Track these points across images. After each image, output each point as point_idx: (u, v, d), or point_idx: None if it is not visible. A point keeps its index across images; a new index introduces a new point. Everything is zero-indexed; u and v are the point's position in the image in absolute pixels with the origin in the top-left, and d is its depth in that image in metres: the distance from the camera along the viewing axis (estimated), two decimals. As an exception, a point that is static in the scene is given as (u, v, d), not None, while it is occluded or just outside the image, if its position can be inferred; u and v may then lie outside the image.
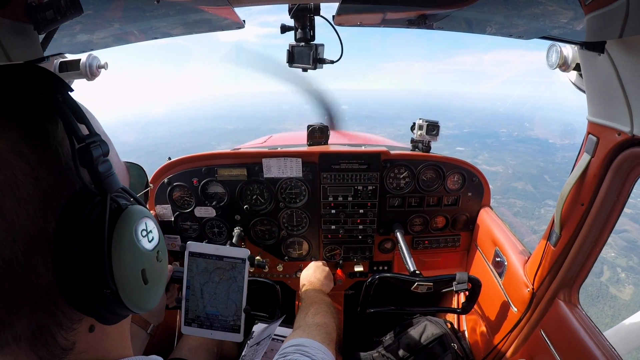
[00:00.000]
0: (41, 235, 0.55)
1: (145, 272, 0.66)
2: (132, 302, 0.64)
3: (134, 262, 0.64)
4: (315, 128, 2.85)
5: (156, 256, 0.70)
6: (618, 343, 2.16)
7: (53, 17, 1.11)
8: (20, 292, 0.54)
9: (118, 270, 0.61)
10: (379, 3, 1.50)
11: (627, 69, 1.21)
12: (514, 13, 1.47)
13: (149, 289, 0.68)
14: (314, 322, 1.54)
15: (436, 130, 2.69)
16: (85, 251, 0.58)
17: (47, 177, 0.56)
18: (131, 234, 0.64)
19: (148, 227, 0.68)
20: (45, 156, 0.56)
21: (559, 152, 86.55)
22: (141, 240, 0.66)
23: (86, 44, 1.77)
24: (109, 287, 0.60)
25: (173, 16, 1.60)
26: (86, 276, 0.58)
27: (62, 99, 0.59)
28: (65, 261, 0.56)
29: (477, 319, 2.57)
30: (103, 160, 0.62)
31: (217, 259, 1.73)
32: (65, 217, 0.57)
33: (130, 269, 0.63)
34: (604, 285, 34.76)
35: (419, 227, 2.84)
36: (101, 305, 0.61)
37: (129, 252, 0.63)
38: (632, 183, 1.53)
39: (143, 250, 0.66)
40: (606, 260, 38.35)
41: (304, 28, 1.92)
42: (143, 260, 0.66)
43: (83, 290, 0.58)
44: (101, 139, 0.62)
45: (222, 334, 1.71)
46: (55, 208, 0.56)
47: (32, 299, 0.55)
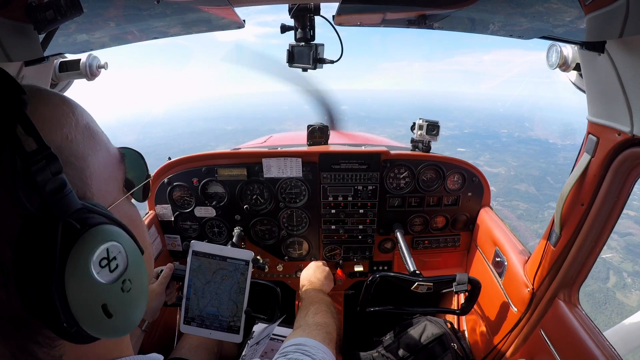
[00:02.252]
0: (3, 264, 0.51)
1: (107, 306, 0.57)
2: (100, 333, 0.57)
3: (91, 298, 0.55)
4: (315, 128, 2.85)
5: (121, 287, 0.60)
6: (618, 343, 2.16)
7: (53, 17, 1.11)
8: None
9: (74, 306, 0.53)
10: (379, 3, 1.50)
11: (627, 69, 1.21)
12: (514, 13, 1.47)
13: (115, 322, 0.59)
14: (314, 322, 1.54)
15: (436, 130, 2.68)
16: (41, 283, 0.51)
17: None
18: (86, 266, 0.54)
19: (111, 254, 0.59)
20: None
21: (561, 152, 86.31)
22: (100, 272, 0.56)
23: (86, 43, 1.77)
24: (67, 322, 0.53)
25: (173, 16, 1.60)
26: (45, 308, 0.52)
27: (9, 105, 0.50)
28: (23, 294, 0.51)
29: (477, 318, 2.57)
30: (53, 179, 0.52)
31: (221, 260, 1.73)
32: (20, 245, 0.51)
33: (87, 305, 0.55)
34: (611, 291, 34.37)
35: (419, 227, 2.84)
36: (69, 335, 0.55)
37: (83, 287, 0.54)
38: (632, 183, 1.53)
39: (100, 284, 0.56)
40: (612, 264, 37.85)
41: (304, 28, 1.92)
42: (101, 294, 0.57)
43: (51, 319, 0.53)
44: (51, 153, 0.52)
45: (221, 334, 1.71)
46: (8, 236, 0.51)
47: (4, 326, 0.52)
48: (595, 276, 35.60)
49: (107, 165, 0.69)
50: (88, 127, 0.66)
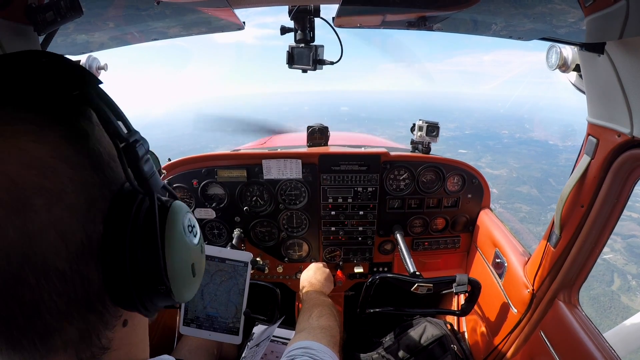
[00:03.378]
0: (90, 240, 0.53)
1: (194, 265, 0.67)
2: (181, 295, 0.64)
3: (186, 258, 0.64)
4: (315, 129, 2.85)
5: (200, 249, 0.71)
6: (618, 344, 2.15)
7: (53, 18, 1.12)
8: (73, 299, 0.52)
9: (172, 267, 0.60)
10: (378, 5, 1.51)
11: (627, 70, 1.22)
12: (514, 14, 1.48)
13: (195, 281, 0.69)
14: (318, 325, 1.53)
15: (436, 131, 2.68)
16: (137, 251, 0.56)
17: (92, 179, 0.53)
18: (180, 231, 0.63)
19: (192, 222, 0.69)
20: (88, 157, 0.54)
21: (562, 154, 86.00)
22: (188, 235, 0.66)
23: (86, 45, 1.77)
24: (164, 284, 0.59)
25: (172, 17, 1.61)
26: (139, 275, 0.57)
27: (96, 93, 0.55)
28: (115, 263, 0.55)
29: (477, 319, 2.56)
30: (146, 158, 0.60)
31: (220, 261, 1.73)
32: (112, 218, 0.55)
33: (183, 265, 0.63)
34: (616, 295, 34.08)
35: (419, 229, 2.84)
36: (150, 301, 0.60)
37: (180, 249, 0.63)
38: (632, 185, 1.53)
39: (191, 245, 0.66)
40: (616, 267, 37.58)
41: (303, 29, 1.92)
42: (192, 254, 0.66)
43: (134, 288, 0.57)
44: (142, 137, 0.60)
45: (220, 336, 1.71)
46: (101, 210, 0.54)
47: (84, 303, 0.54)
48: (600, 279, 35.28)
49: None
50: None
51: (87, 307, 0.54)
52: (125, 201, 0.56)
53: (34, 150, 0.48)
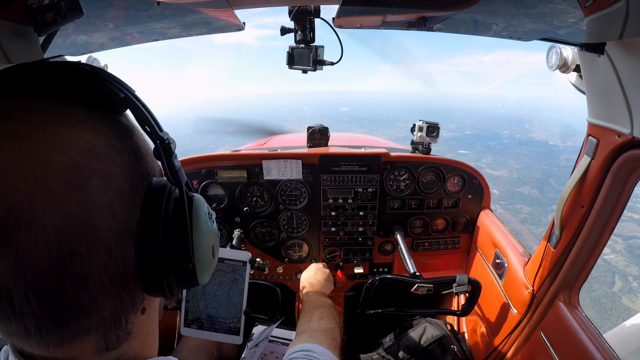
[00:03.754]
0: (131, 223, 0.59)
1: (214, 247, 0.76)
2: (202, 274, 0.71)
3: (208, 240, 0.73)
4: (315, 130, 2.85)
5: (217, 235, 0.80)
6: (618, 345, 2.15)
7: (53, 19, 1.12)
8: (115, 275, 0.58)
9: (197, 248, 0.68)
10: (379, 5, 1.51)
11: (627, 71, 1.21)
12: (514, 15, 1.48)
13: (213, 263, 0.78)
14: (319, 327, 1.53)
15: (436, 131, 2.69)
16: (168, 234, 0.63)
17: (135, 169, 0.61)
18: (205, 217, 0.72)
19: (210, 211, 0.77)
20: (132, 150, 0.62)
21: (563, 154, 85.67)
22: (209, 221, 0.75)
23: (86, 45, 1.77)
24: (191, 262, 0.67)
25: (173, 18, 1.61)
26: (169, 255, 0.63)
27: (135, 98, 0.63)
28: (148, 245, 0.61)
29: (477, 320, 2.56)
30: (176, 155, 0.67)
31: (219, 262, 1.72)
32: (147, 205, 0.62)
33: (206, 246, 0.72)
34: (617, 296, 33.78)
35: (419, 229, 2.83)
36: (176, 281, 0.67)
37: (204, 232, 0.71)
38: (632, 185, 1.53)
39: (212, 230, 0.76)
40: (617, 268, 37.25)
41: (304, 30, 1.92)
42: (212, 237, 0.76)
43: (164, 268, 0.63)
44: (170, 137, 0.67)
45: (221, 336, 1.70)
46: (139, 198, 0.61)
47: (121, 282, 0.59)
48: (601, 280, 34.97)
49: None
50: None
51: (123, 286, 0.60)
52: (158, 190, 0.64)
53: (92, 139, 0.56)
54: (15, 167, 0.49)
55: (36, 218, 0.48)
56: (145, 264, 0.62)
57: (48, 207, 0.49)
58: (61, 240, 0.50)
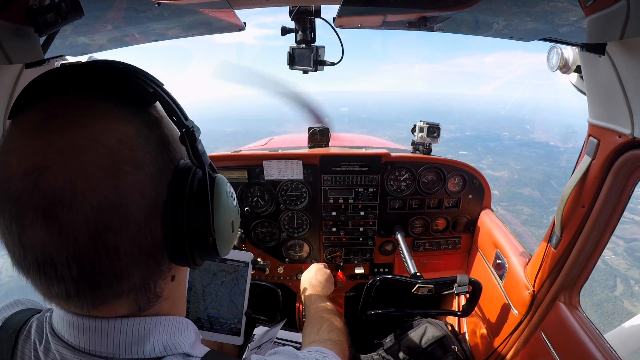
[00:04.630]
0: (158, 201, 0.67)
1: (233, 223, 0.83)
2: (222, 246, 0.78)
3: (228, 216, 0.80)
4: (316, 130, 2.85)
5: (237, 211, 0.87)
6: (619, 345, 2.15)
7: (54, 20, 1.12)
8: (142, 247, 0.65)
9: (217, 222, 0.75)
10: (379, 5, 1.51)
11: (628, 71, 1.21)
12: (514, 15, 1.48)
13: (233, 236, 0.84)
14: (329, 338, 1.55)
15: (437, 132, 2.68)
16: (192, 210, 0.71)
17: (162, 155, 0.69)
18: (225, 195, 0.80)
19: (231, 190, 0.86)
20: (160, 138, 0.70)
21: (563, 155, 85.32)
22: (229, 199, 0.82)
23: (87, 46, 1.77)
24: (211, 235, 0.74)
25: (173, 18, 1.61)
26: (193, 229, 0.71)
27: (163, 92, 0.71)
28: (174, 220, 0.69)
29: (478, 321, 2.56)
30: (199, 140, 0.75)
31: (220, 262, 1.72)
32: (174, 185, 0.69)
33: (226, 221, 0.79)
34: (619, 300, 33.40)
35: (420, 229, 2.83)
36: (199, 252, 0.74)
37: (225, 209, 0.78)
38: (632, 186, 1.52)
39: (232, 207, 0.83)
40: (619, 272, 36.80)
41: (304, 30, 1.92)
42: (232, 214, 0.82)
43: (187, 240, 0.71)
44: (195, 124, 0.75)
45: (222, 337, 1.70)
46: (167, 179, 0.69)
47: (149, 252, 0.67)
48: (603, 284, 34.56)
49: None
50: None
51: (150, 256, 0.68)
52: (184, 172, 0.72)
53: (125, 130, 0.63)
54: (59, 156, 0.57)
55: (77, 199, 0.57)
56: (170, 237, 0.70)
57: (87, 189, 0.57)
58: (97, 217, 0.58)
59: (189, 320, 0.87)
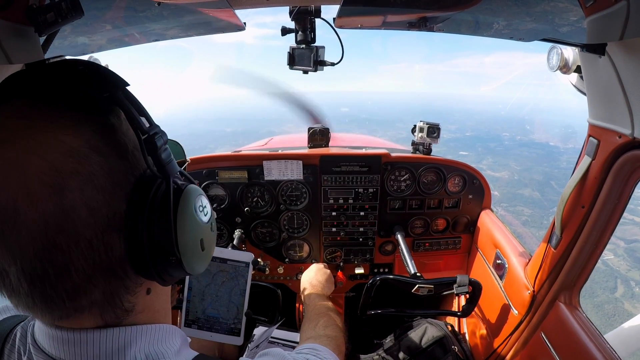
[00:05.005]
0: (115, 215, 0.63)
1: (203, 241, 0.76)
2: (191, 266, 0.73)
3: (195, 234, 0.74)
4: (316, 130, 2.85)
5: (210, 227, 0.80)
6: (619, 345, 2.15)
7: (54, 19, 1.12)
8: (98, 264, 0.62)
9: (182, 241, 0.70)
10: (379, 5, 1.51)
11: (628, 71, 1.21)
12: (515, 15, 1.48)
13: (204, 255, 0.78)
14: (325, 334, 1.54)
15: (437, 132, 2.68)
16: (154, 226, 0.66)
17: (118, 165, 0.64)
18: (191, 210, 0.73)
19: (203, 203, 0.78)
20: (115, 147, 0.64)
21: (563, 155, 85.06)
22: (199, 214, 0.75)
23: (87, 46, 1.77)
24: (175, 255, 0.69)
25: (173, 18, 1.61)
26: (154, 247, 0.67)
27: (124, 94, 0.66)
28: (135, 236, 0.65)
29: (478, 321, 2.56)
30: (164, 148, 0.70)
31: (221, 262, 1.72)
32: (134, 198, 0.65)
33: (192, 240, 0.73)
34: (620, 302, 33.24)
35: (420, 230, 2.83)
36: (165, 270, 0.70)
37: (190, 226, 0.72)
38: (632, 186, 1.52)
39: (201, 223, 0.76)
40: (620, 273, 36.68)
41: (304, 30, 1.92)
42: (201, 231, 0.76)
43: (150, 258, 0.67)
44: (161, 130, 0.70)
45: (222, 337, 1.70)
46: (125, 191, 0.64)
47: (107, 269, 0.64)
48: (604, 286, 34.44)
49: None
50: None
51: (110, 272, 0.65)
52: (145, 184, 0.67)
53: (71, 142, 0.59)
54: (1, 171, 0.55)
55: (19, 216, 0.55)
56: (132, 254, 0.66)
57: (29, 206, 0.55)
58: (42, 235, 0.56)
59: (174, 327, 0.83)
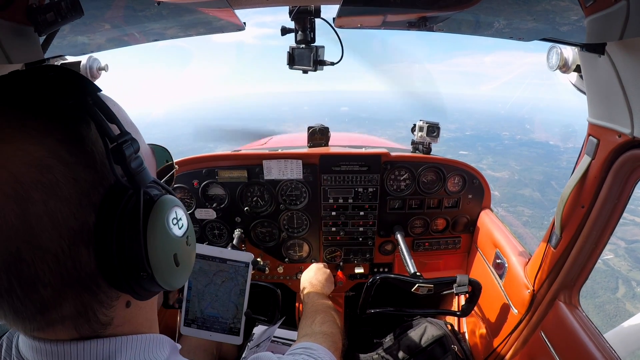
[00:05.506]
0: (82, 228, 0.60)
1: (177, 256, 0.72)
2: (165, 282, 0.70)
3: (167, 248, 0.70)
4: (316, 130, 2.85)
5: (186, 241, 0.76)
6: (618, 345, 2.15)
7: (54, 19, 1.12)
8: (67, 278, 0.60)
9: (153, 256, 0.66)
10: (379, 5, 1.50)
11: (628, 71, 1.21)
12: (514, 15, 1.48)
13: (180, 270, 0.74)
14: (321, 331, 1.54)
15: (436, 131, 2.68)
16: (123, 240, 0.63)
17: (85, 176, 0.61)
18: (163, 223, 0.69)
19: (178, 215, 0.73)
20: (81, 157, 0.61)
21: (564, 155, 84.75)
22: (172, 228, 0.71)
23: (86, 45, 1.77)
24: (145, 270, 0.66)
25: (173, 18, 1.60)
26: (124, 262, 0.63)
27: (92, 101, 0.64)
28: (104, 249, 0.62)
29: (478, 320, 2.56)
30: (135, 157, 0.66)
31: (221, 262, 1.72)
32: (103, 210, 0.62)
33: (164, 255, 0.69)
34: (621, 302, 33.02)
35: (420, 229, 2.83)
36: (139, 286, 0.67)
37: (162, 240, 0.68)
38: (632, 185, 1.52)
39: (174, 237, 0.71)
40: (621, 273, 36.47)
41: (304, 30, 1.92)
42: (174, 246, 0.71)
43: (122, 273, 0.64)
44: (132, 137, 0.66)
45: (221, 336, 1.70)
46: (93, 203, 0.62)
47: (77, 283, 0.61)
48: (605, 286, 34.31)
49: (148, 156, 0.85)
50: (132, 122, 0.80)
51: (81, 286, 0.62)
52: (115, 195, 0.64)
53: (34, 151, 0.56)
54: None
55: None
56: (103, 268, 0.63)
57: None
58: (5, 248, 0.55)
59: (162, 336, 0.80)
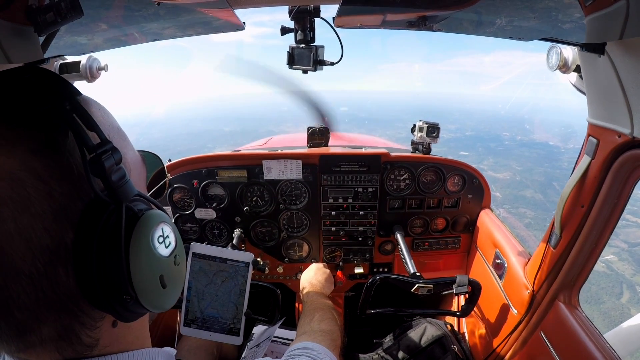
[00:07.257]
0: (59, 246, 0.55)
1: (164, 277, 0.66)
2: (151, 304, 0.65)
3: (152, 270, 0.64)
4: (316, 130, 2.85)
5: (173, 261, 0.70)
6: (618, 345, 2.15)
7: (53, 19, 1.11)
8: (43, 300, 0.55)
9: (136, 278, 0.61)
10: (379, 5, 1.50)
11: (628, 71, 1.21)
12: (514, 14, 1.47)
13: (167, 292, 0.68)
14: (319, 329, 1.54)
15: (436, 132, 2.69)
16: (104, 260, 0.57)
17: (60, 189, 0.55)
18: (148, 242, 0.63)
19: (165, 233, 0.68)
20: (56, 169, 0.56)
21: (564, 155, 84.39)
22: (158, 247, 0.65)
23: (86, 45, 1.76)
24: (129, 293, 0.60)
25: (173, 18, 1.60)
26: (106, 284, 0.58)
27: (70, 106, 0.58)
28: (84, 269, 0.57)
29: (477, 320, 2.56)
30: (116, 168, 0.61)
31: (221, 262, 1.72)
32: (82, 226, 0.57)
33: (149, 277, 0.63)
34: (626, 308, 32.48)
35: (419, 229, 2.83)
36: (122, 308, 0.61)
37: (146, 261, 0.63)
38: (632, 185, 1.52)
39: (160, 257, 0.66)
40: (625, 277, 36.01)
41: (304, 30, 1.92)
42: (160, 266, 0.66)
43: (103, 295, 0.58)
44: (113, 147, 0.61)
45: (221, 336, 1.70)
46: (71, 218, 0.56)
47: (56, 305, 0.57)
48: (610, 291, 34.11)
49: (137, 164, 0.78)
50: (119, 128, 0.74)
51: (60, 308, 0.57)
52: (95, 211, 0.58)
53: (3, 163, 0.51)
54: None
55: None
56: (84, 288, 0.58)
57: None
58: None
59: (156, 349, 0.77)
